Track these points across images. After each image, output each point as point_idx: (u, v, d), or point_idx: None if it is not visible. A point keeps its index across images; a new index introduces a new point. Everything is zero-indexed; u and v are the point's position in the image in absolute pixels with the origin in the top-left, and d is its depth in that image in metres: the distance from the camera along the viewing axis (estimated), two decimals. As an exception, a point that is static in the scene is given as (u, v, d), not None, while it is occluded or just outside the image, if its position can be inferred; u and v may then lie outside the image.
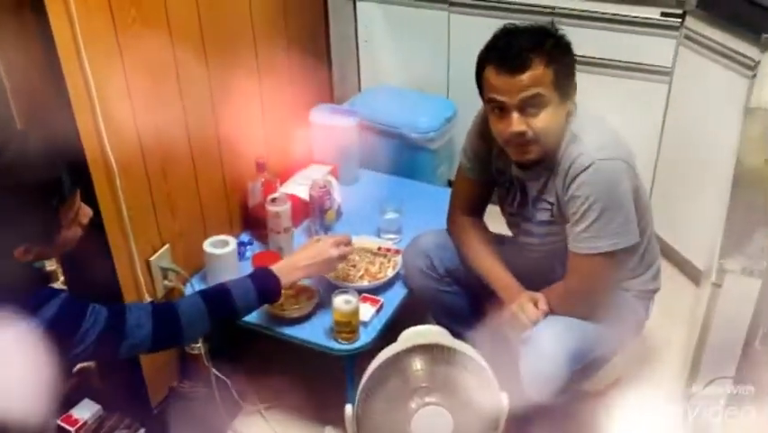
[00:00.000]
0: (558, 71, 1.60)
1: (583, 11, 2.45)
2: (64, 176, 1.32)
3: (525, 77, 1.58)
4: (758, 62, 2.07)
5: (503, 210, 1.94)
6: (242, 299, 1.61)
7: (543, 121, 1.61)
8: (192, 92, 1.97)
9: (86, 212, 1.41)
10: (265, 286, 1.66)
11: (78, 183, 1.38)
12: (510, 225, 1.95)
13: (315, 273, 1.85)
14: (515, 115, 1.60)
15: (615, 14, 2.41)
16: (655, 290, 1.96)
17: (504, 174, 1.85)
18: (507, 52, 1.59)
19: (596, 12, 2.44)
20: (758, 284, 1.42)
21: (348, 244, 1.88)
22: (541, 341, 1.71)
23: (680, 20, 2.33)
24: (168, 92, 1.90)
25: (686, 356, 2.07)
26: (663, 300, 2.05)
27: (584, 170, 1.62)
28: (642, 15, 2.38)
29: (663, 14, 2.35)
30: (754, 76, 2.09)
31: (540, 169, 1.73)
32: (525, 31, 1.63)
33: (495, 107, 1.64)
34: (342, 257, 1.86)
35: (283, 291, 1.93)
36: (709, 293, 1.55)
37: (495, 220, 2.02)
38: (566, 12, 2.48)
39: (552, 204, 1.75)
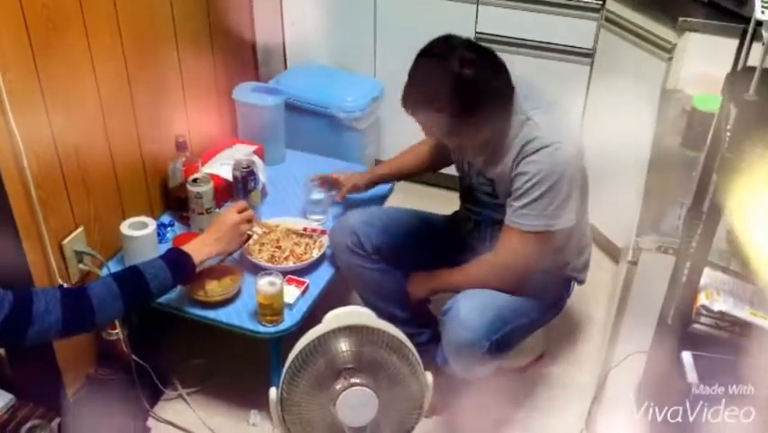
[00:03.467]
0: (456, 116, 1.62)
1: (508, -9, 2.47)
2: None
3: (417, 118, 1.68)
4: (675, 45, 2.13)
5: (458, 175, 1.99)
6: (156, 280, 1.59)
7: (451, 143, 1.74)
8: (105, 68, 1.88)
9: None
10: (177, 265, 1.64)
11: None
12: (461, 186, 1.98)
13: (225, 246, 1.78)
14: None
15: (538, -5, 2.44)
16: (581, 281, 2.00)
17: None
18: (404, 89, 1.66)
19: (520, -8, 2.46)
20: (672, 261, 1.46)
21: (246, 209, 1.85)
22: (460, 311, 1.74)
23: (600, 2, 2.37)
24: (79, 67, 1.81)
25: (605, 333, 2.13)
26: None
27: (537, 150, 1.66)
28: (565, -4, 2.41)
29: (586, -4, 2.39)
30: (671, 58, 2.15)
31: (483, 147, 1.76)
32: (428, 71, 1.62)
33: None
34: (246, 222, 1.82)
35: (203, 272, 1.90)
36: (626, 271, 1.59)
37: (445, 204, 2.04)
38: (491, -9, 2.49)
39: (491, 180, 1.78)
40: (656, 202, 1.65)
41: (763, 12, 1.16)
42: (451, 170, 2.05)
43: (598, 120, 2.52)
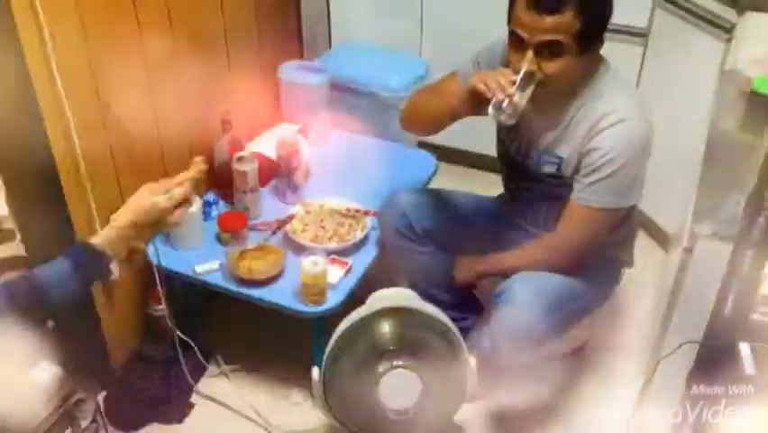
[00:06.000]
0: (587, 23, 1.56)
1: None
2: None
3: (551, 20, 1.53)
4: (735, 25, 2.04)
5: (502, 153, 1.91)
6: (60, 290, 1.30)
7: (555, 67, 1.58)
8: (154, 47, 1.89)
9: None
10: (86, 266, 1.34)
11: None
12: (509, 167, 1.91)
13: (147, 230, 1.41)
14: (529, 54, 1.57)
15: (592, -27, 2.36)
16: (631, 264, 1.97)
17: None
18: None
19: (572, -30, 2.38)
20: (729, 249, 1.41)
21: (168, 184, 1.43)
22: (517, 295, 1.71)
23: (657, -20, 2.30)
24: (128, 46, 1.82)
25: (653, 322, 2.08)
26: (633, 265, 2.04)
27: (614, 125, 1.62)
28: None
29: (640, -26, 2.31)
30: (731, 39, 2.06)
31: (553, 122, 1.71)
32: None
33: (514, 40, 1.60)
34: (181, 200, 1.41)
35: (247, 253, 1.90)
36: (680, 258, 1.54)
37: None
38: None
39: (561, 158, 1.73)
40: (713, 187, 1.59)
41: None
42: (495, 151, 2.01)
43: (651, 102, 2.45)
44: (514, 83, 1.55)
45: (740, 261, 1.28)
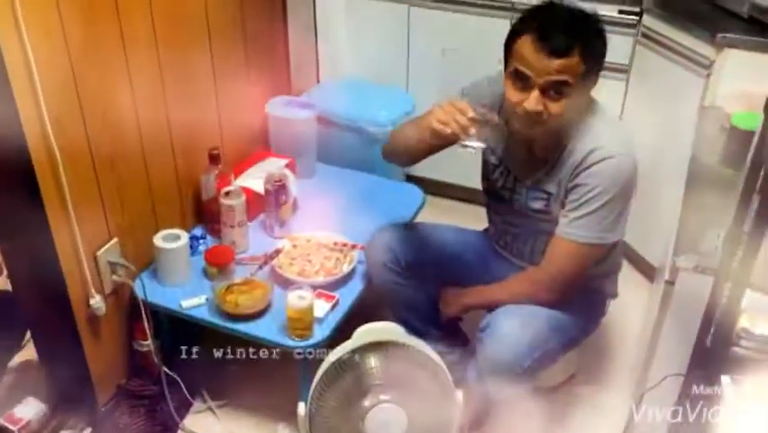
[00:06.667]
0: (590, 64, 1.59)
1: (543, 7, 2.45)
2: None
3: (559, 63, 1.55)
4: (713, 62, 2.09)
5: (487, 189, 1.92)
6: None
7: (560, 107, 1.60)
8: (142, 81, 1.90)
9: None
10: None
11: None
12: (495, 202, 1.93)
13: None
14: (535, 93, 1.58)
15: (574, 11, 2.41)
16: (614, 295, 1.98)
17: (494, 153, 1.84)
18: (550, 31, 1.56)
19: (555, 8, 2.43)
20: (710, 282, 1.42)
21: None
22: (501, 328, 1.71)
23: (637, 18, 2.35)
24: (116, 80, 1.83)
25: (638, 353, 2.09)
26: (618, 297, 2.06)
27: (601, 160, 1.63)
28: (600, 13, 2.36)
29: (621, 12, 2.36)
30: (710, 75, 2.11)
31: (542, 158, 1.73)
32: (572, 13, 1.61)
33: (518, 78, 1.61)
34: None
35: (234, 287, 1.90)
36: (663, 291, 1.55)
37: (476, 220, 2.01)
38: (525, 7, 2.45)
39: (549, 194, 1.75)
40: (694, 221, 1.62)
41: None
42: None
43: (634, 136, 2.49)
44: (473, 119, 1.55)
45: (720, 294, 1.30)
